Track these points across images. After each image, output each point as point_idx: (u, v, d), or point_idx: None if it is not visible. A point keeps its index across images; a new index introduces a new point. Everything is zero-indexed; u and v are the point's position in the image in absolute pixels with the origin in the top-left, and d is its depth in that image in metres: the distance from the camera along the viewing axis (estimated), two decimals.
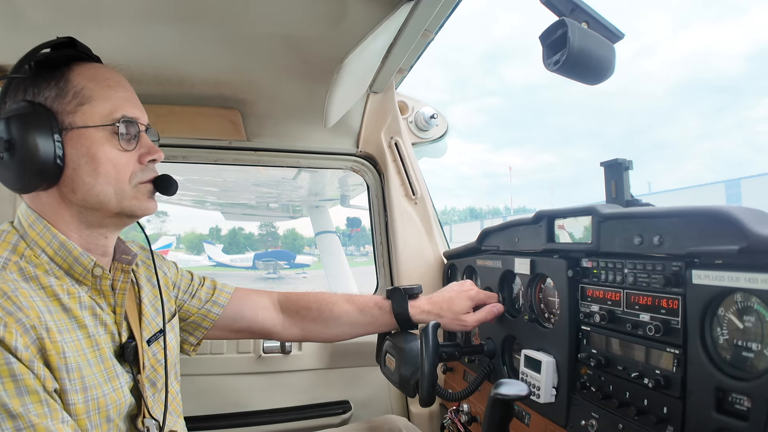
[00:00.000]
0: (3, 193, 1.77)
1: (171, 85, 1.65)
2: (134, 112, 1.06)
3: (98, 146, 1.00)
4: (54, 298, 0.96)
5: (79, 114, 0.99)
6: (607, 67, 0.91)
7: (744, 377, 0.76)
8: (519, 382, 1.01)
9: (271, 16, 1.27)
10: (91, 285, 1.04)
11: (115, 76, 1.07)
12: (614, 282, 1.05)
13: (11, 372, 0.82)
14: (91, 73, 1.03)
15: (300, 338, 1.59)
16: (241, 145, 2.00)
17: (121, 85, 1.06)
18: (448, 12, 1.38)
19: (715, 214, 0.82)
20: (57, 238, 1.00)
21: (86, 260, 1.02)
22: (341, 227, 12.74)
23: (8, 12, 1.20)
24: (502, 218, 21.69)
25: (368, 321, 1.52)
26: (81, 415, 0.93)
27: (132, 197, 1.05)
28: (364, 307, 1.52)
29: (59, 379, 0.90)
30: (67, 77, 1.00)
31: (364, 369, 2.03)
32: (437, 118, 2.11)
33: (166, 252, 28.82)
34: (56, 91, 0.99)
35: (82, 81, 1.01)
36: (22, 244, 0.99)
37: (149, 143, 1.09)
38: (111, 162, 1.01)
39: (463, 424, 1.54)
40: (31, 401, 0.83)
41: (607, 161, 1.16)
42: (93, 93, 1.01)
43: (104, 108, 1.01)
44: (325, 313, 1.51)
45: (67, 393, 0.91)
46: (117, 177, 1.02)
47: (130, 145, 1.04)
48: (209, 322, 1.42)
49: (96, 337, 1.01)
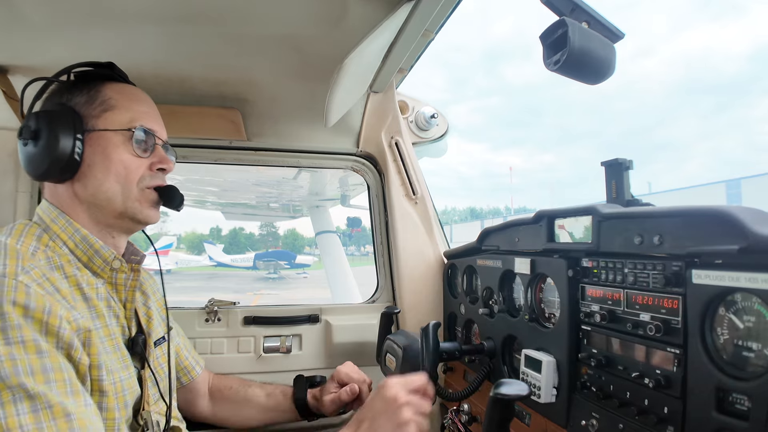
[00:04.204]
0: (3, 193, 1.78)
1: (171, 84, 1.65)
2: (153, 125, 1.17)
3: (113, 148, 1.10)
4: (77, 287, 1.01)
5: (102, 119, 1.11)
6: (607, 67, 0.91)
7: (744, 377, 0.76)
8: (519, 382, 1.01)
9: (271, 16, 1.27)
10: (107, 278, 1.11)
11: (142, 95, 1.21)
12: (614, 282, 1.05)
13: (38, 348, 0.84)
14: (120, 88, 1.17)
15: (212, 421, 1.61)
16: (241, 144, 2.00)
17: (145, 102, 1.20)
18: (448, 12, 1.38)
19: (716, 214, 0.82)
20: (79, 232, 1.08)
21: (107, 253, 1.10)
22: (342, 227, 12.75)
23: (8, 12, 1.20)
24: (503, 218, 21.70)
25: (272, 406, 1.60)
26: (110, 394, 0.97)
27: (136, 199, 1.12)
28: (271, 393, 1.61)
29: (94, 355, 0.94)
30: (98, 88, 1.13)
31: (364, 369, 2.02)
32: (437, 118, 2.10)
33: (167, 252, 28.87)
34: (86, 98, 1.11)
35: (110, 92, 1.14)
36: (45, 236, 1.05)
37: (163, 155, 1.18)
38: (123, 163, 1.10)
39: (463, 424, 1.54)
40: (55, 379, 0.85)
41: (608, 161, 1.16)
42: (117, 103, 1.13)
43: (125, 116, 1.13)
44: (240, 394, 1.60)
45: (101, 369, 0.95)
46: (126, 177, 1.11)
47: (145, 153, 1.14)
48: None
49: (111, 327, 1.06)
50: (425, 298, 1.97)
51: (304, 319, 2.01)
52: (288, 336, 1.99)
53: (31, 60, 1.03)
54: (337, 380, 1.57)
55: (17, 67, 1.46)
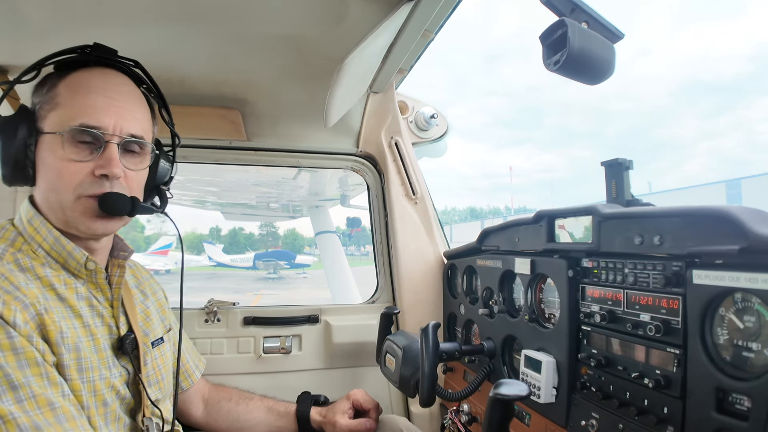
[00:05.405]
0: (3, 193, 1.78)
1: (171, 85, 1.64)
2: (102, 120, 1.00)
3: (49, 153, 1.01)
4: (50, 287, 0.99)
5: (47, 120, 1.02)
6: (607, 67, 0.91)
7: (744, 377, 0.76)
8: (519, 382, 1.01)
9: (271, 16, 1.27)
10: (86, 278, 1.07)
11: (100, 82, 1.04)
12: (614, 282, 1.05)
13: (12, 345, 0.85)
14: (80, 79, 1.03)
15: (206, 430, 1.60)
16: (241, 144, 2.01)
17: (98, 92, 1.02)
18: (448, 12, 1.38)
19: (716, 214, 0.82)
20: (52, 233, 1.03)
21: (79, 254, 1.04)
22: (341, 227, 12.75)
23: (8, 12, 1.20)
24: (503, 218, 21.71)
25: (272, 420, 1.56)
26: (78, 392, 0.95)
27: (73, 210, 1.01)
28: (272, 407, 1.58)
29: (58, 354, 0.93)
30: (55, 83, 1.03)
31: (364, 369, 2.03)
32: (437, 118, 2.10)
33: (166, 252, 28.81)
34: (43, 98, 1.03)
35: (61, 88, 1.03)
36: (19, 239, 1.02)
37: (111, 156, 1.00)
38: (56, 171, 1.00)
39: (463, 424, 1.54)
40: (32, 374, 0.86)
41: (608, 161, 1.16)
42: (63, 100, 1.02)
43: (65, 115, 1.00)
44: (240, 405, 1.56)
45: (65, 368, 0.93)
46: (60, 186, 1.00)
47: (80, 154, 0.99)
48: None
49: (92, 327, 1.03)
50: (425, 299, 1.98)
51: (303, 319, 2.01)
52: (288, 336, 1.99)
53: (31, 60, 1.03)
54: (353, 400, 1.55)
55: (17, 67, 1.46)
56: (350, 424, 1.49)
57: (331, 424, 1.51)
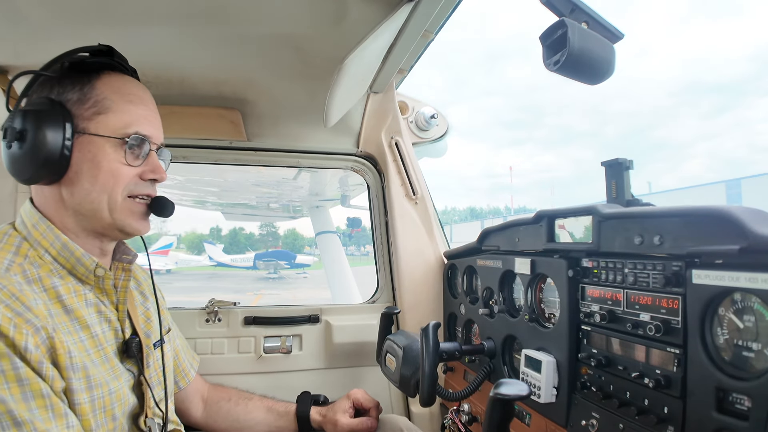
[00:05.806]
0: (3, 193, 1.78)
1: (171, 85, 1.65)
2: (149, 130, 1.09)
3: (103, 155, 1.03)
4: (57, 300, 0.98)
5: (94, 122, 1.02)
6: (607, 67, 0.91)
7: (744, 377, 0.76)
8: (519, 382, 1.01)
9: (271, 16, 1.27)
10: (94, 284, 1.06)
11: (141, 92, 1.11)
12: (614, 282, 1.05)
13: (18, 377, 0.84)
14: (117, 84, 1.07)
15: (205, 430, 1.60)
16: (241, 145, 2.01)
17: (143, 102, 1.10)
18: (448, 12, 1.38)
19: (716, 214, 0.82)
20: (59, 239, 1.02)
21: (88, 261, 1.04)
22: (341, 227, 12.74)
23: (8, 12, 1.20)
24: (503, 218, 21.70)
25: (272, 420, 1.57)
26: (87, 415, 0.94)
27: (122, 210, 1.05)
28: (271, 407, 1.59)
29: (67, 379, 0.92)
30: (93, 84, 1.04)
31: (364, 369, 2.03)
32: (437, 118, 2.11)
33: (167, 252, 28.82)
34: (79, 95, 1.02)
35: (105, 91, 1.04)
36: (25, 245, 1.01)
37: (156, 164, 1.10)
38: (112, 173, 1.03)
39: (463, 424, 1.54)
40: (36, 406, 0.85)
41: (608, 161, 1.16)
42: (113, 105, 1.04)
43: (120, 121, 1.04)
44: (239, 406, 1.57)
45: (74, 393, 0.93)
46: (113, 188, 1.04)
47: (137, 161, 1.07)
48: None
49: (100, 336, 1.03)
50: (425, 299, 1.98)
51: (304, 319, 2.01)
52: (288, 336, 1.99)
53: (31, 60, 1.03)
54: (353, 399, 1.55)
55: (17, 67, 1.46)
56: (351, 422, 1.49)
57: (331, 423, 1.51)
